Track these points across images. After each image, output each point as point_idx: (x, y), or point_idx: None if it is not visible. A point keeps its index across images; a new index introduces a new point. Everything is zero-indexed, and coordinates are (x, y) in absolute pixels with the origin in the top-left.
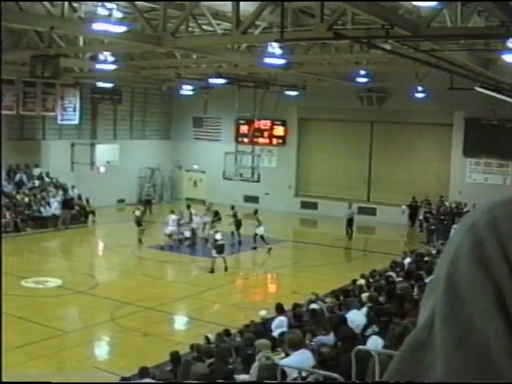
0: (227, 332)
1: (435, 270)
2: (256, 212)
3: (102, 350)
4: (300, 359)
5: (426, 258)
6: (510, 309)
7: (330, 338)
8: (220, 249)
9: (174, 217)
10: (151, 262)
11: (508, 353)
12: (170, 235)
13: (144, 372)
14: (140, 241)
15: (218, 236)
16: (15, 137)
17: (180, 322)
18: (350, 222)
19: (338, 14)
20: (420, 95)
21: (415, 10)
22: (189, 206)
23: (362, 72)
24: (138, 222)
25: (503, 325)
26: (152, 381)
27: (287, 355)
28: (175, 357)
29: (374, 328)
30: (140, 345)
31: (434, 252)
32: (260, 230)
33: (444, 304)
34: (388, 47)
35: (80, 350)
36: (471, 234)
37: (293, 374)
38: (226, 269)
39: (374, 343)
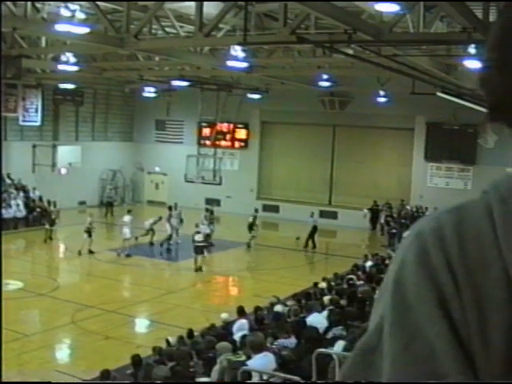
0: (190, 333)
1: (385, 275)
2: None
3: (63, 352)
4: (262, 362)
5: (386, 262)
6: (452, 312)
7: (290, 341)
8: (199, 249)
9: (127, 218)
10: (113, 265)
11: (452, 354)
12: (127, 239)
13: (105, 375)
14: (91, 251)
15: (198, 237)
16: None
17: (141, 325)
18: (314, 230)
19: (301, 18)
20: (382, 99)
21: (378, 15)
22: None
23: (325, 76)
24: (89, 232)
25: (446, 327)
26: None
27: (249, 358)
28: (136, 360)
29: (335, 331)
30: (101, 348)
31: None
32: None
33: (391, 309)
34: (350, 52)
35: (41, 353)
36: (417, 242)
37: (255, 377)
38: (197, 269)
39: (341, 347)
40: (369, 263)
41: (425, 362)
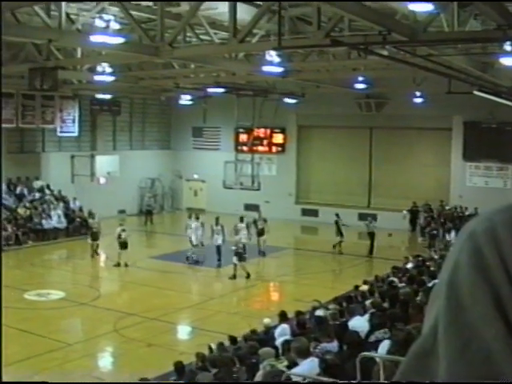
0: (233, 339)
1: (438, 277)
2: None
3: (105, 361)
4: (309, 367)
5: (427, 263)
6: (509, 313)
7: (333, 345)
8: (240, 256)
9: (194, 224)
10: (153, 273)
11: (510, 356)
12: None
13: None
14: (119, 263)
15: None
16: (15, 150)
17: (183, 331)
18: (372, 236)
19: (335, 20)
20: (418, 100)
21: (412, 15)
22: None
23: (360, 78)
24: (124, 243)
25: (503, 329)
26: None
27: (294, 363)
28: (179, 367)
29: (377, 334)
30: (144, 355)
31: (435, 257)
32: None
33: (446, 311)
34: (385, 53)
35: (84, 362)
36: (470, 242)
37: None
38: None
39: (385, 349)
40: (410, 265)
41: (482, 364)
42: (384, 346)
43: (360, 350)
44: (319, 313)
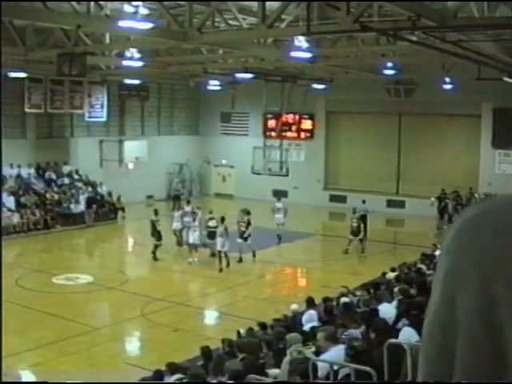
0: (263, 325)
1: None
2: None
3: (132, 345)
4: (338, 354)
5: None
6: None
7: (358, 332)
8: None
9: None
10: (181, 258)
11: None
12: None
13: (174, 368)
14: (155, 257)
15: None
16: (44, 135)
17: (210, 316)
18: (363, 218)
19: (364, 6)
20: (448, 86)
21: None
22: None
23: (389, 64)
24: (158, 232)
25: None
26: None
27: (319, 352)
28: (206, 352)
29: (405, 321)
30: (171, 340)
31: None
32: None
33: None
34: (414, 38)
35: (111, 346)
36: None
37: (325, 369)
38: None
39: (407, 335)
40: (437, 252)
41: None
42: (406, 331)
43: (387, 336)
44: (346, 299)
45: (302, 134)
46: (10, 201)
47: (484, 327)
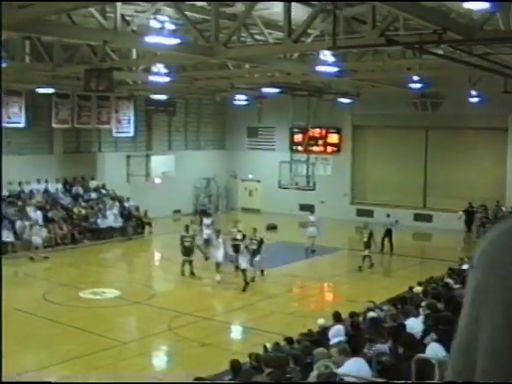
0: (290, 340)
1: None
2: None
3: (159, 360)
4: (356, 366)
5: (471, 265)
6: None
7: (386, 347)
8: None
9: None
10: (207, 273)
11: None
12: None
13: (202, 382)
14: (182, 272)
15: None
16: (71, 150)
17: (237, 331)
18: (388, 233)
19: (390, 19)
20: (474, 99)
21: (467, 13)
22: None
23: (415, 78)
24: (185, 248)
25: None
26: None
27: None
28: (235, 365)
29: (433, 336)
30: (198, 355)
31: None
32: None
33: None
34: (440, 52)
35: (138, 360)
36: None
37: None
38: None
39: (433, 350)
40: (465, 266)
41: None
42: (433, 347)
43: (415, 351)
44: (373, 314)
45: (329, 148)
46: (37, 216)
47: (504, 340)
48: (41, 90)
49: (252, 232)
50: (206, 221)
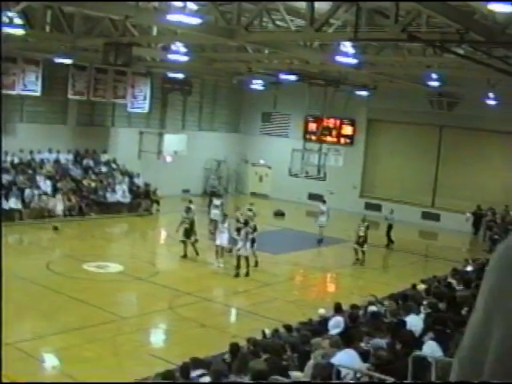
0: (289, 328)
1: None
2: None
3: (158, 337)
4: (347, 357)
5: (486, 267)
6: None
7: (383, 341)
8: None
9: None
10: (212, 254)
11: None
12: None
13: (197, 363)
14: (185, 254)
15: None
16: (85, 122)
17: (237, 315)
18: (389, 227)
19: (413, 15)
20: (492, 102)
21: (491, 15)
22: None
23: (434, 75)
24: (185, 230)
25: None
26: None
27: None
28: (234, 348)
29: (431, 335)
30: (196, 335)
31: None
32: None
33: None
34: (461, 52)
35: (136, 336)
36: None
37: (347, 375)
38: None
39: (430, 348)
40: (469, 268)
41: None
42: (430, 345)
43: (413, 349)
44: (374, 308)
45: (342, 140)
46: (46, 185)
47: None
48: (58, 60)
49: (251, 215)
50: (216, 201)
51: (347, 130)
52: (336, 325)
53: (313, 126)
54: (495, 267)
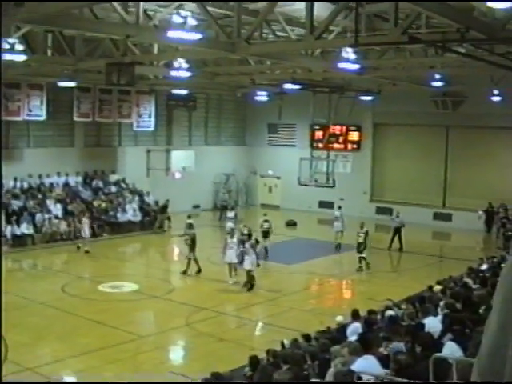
0: (307, 337)
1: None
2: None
3: (177, 354)
4: (364, 366)
5: (502, 265)
6: None
7: (402, 345)
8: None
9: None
10: (225, 268)
11: None
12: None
13: (218, 378)
14: (185, 271)
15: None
16: (92, 144)
17: (255, 327)
18: (397, 231)
19: (412, 17)
20: (496, 98)
21: (490, 12)
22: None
23: (437, 76)
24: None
25: None
26: None
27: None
28: (254, 361)
29: (449, 335)
30: (215, 350)
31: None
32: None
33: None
34: (463, 50)
35: (155, 354)
36: None
37: (368, 382)
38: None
39: (450, 349)
40: (484, 266)
41: None
42: (450, 346)
43: (433, 351)
44: (391, 312)
45: (349, 146)
46: (57, 208)
47: None
48: (62, 84)
49: (247, 236)
50: (230, 214)
51: (354, 135)
52: (354, 331)
53: (319, 134)
54: (509, 275)
